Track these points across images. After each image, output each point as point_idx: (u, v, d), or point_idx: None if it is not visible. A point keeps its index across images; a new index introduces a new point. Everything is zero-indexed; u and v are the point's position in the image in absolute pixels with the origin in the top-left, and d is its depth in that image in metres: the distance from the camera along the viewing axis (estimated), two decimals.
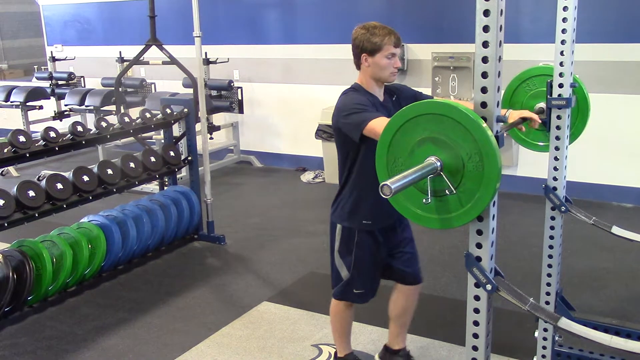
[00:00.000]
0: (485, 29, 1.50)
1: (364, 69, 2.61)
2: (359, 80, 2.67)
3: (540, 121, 2.48)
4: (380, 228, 2.69)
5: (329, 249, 2.79)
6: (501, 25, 1.51)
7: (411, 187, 1.64)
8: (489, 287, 1.64)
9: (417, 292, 2.91)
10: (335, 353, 3.04)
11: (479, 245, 1.65)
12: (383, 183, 1.48)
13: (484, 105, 1.56)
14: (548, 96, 2.47)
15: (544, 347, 2.67)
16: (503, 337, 3.14)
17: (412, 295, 2.89)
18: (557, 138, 2.50)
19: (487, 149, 1.53)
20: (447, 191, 1.60)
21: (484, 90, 1.55)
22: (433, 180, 1.61)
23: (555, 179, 2.52)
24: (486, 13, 1.49)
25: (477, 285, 1.66)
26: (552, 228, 2.56)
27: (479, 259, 1.65)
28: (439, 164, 1.61)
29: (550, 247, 2.58)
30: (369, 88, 2.61)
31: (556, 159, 2.51)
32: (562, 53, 2.40)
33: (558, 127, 2.49)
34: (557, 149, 2.51)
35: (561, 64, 2.42)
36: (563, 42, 2.39)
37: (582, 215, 2.53)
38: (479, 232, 1.64)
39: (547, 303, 2.62)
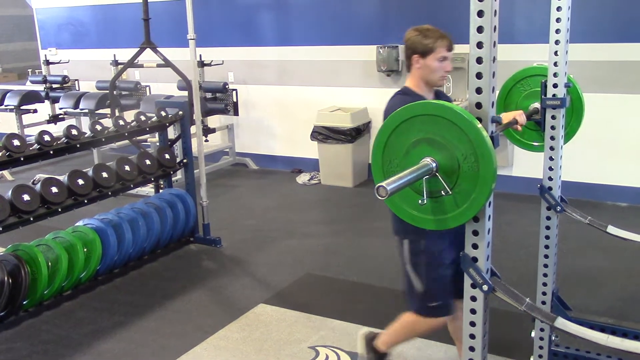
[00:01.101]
0: (480, 29, 1.51)
1: (415, 70, 2.55)
2: (408, 83, 2.61)
3: (524, 122, 2.51)
4: (450, 231, 2.51)
5: (400, 264, 2.63)
6: (495, 26, 1.51)
7: (407, 189, 1.64)
8: (485, 287, 1.65)
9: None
10: (372, 337, 2.86)
11: (475, 246, 1.65)
12: (379, 185, 1.48)
13: (478, 105, 1.56)
14: (542, 96, 2.48)
15: (541, 347, 2.67)
16: (500, 337, 3.14)
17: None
18: (552, 138, 2.51)
19: (483, 150, 1.53)
20: (442, 192, 1.60)
21: (478, 90, 1.55)
22: (429, 181, 1.62)
23: (550, 178, 2.53)
24: (480, 14, 1.50)
25: (473, 285, 1.67)
26: (547, 228, 2.57)
27: (475, 259, 1.65)
28: (434, 164, 1.60)
29: (546, 247, 2.58)
30: (419, 91, 2.55)
31: (551, 159, 2.52)
32: (556, 53, 2.41)
33: (553, 127, 2.50)
34: (552, 149, 2.51)
35: (555, 64, 2.42)
36: (557, 42, 2.40)
37: (578, 215, 2.54)
38: (475, 233, 1.64)
39: (544, 303, 2.62)
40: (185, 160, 4.80)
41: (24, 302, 3.66)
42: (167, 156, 4.66)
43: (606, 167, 5.45)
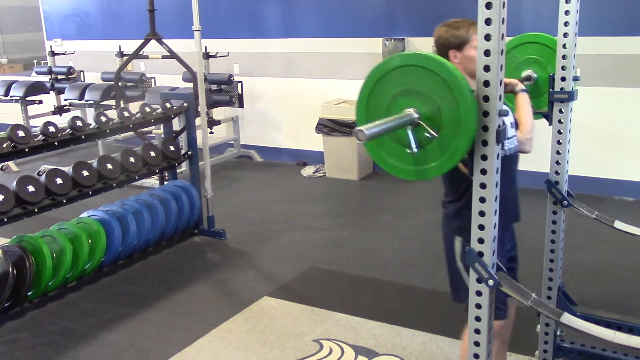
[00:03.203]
0: (488, 21, 1.48)
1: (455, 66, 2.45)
2: None
3: (520, 84, 2.44)
4: (505, 228, 2.40)
5: (446, 260, 2.50)
6: (504, 18, 1.49)
7: (390, 141, 1.72)
8: (490, 282, 1.63)
9: (515, 306, 2.60)
10: None
11: (480, 241, 1.64)
12: (357, 128, 1.52)
13: (486, 99, 1.54)
14: (550, 90, 2.45)
15: (546, 342, 2.66)
16: None
17: (512, 309, 2.59)
18: (559, 132, 2.48)
19: (460, 94, 1.57)
20: (427, 136, 1.64)
21: (486, 84, 1.53)
22: (415, 130, 1.66)
23: (557, 173, 2.51)
24: (488, 6, 1.47)
25: (479, 280, 1.65)
26: (554, 222, 2.55)
27: (480, 254, 1.64)
28: (416, 114, 1.65)
29: (552, 241, 2.57)
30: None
31: (558, 153, 2.50)
32: (564, 46, 2.38)
33: (560, 121, 2.47)
34: (559, 142, 2.49)
35: (564, 57, 2.40)
36: (565, 35, 2.37)
37: (585, 210, 2.52)
38: (481, 227, 1.63)
39: (549, 298, 2.61)
40: (190, 152, 4.79)
41: (29, 293, 3.67)
42: (171, 148, 4.65)
43: (613, 162, 5.42)
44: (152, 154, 4.49)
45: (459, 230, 2.41)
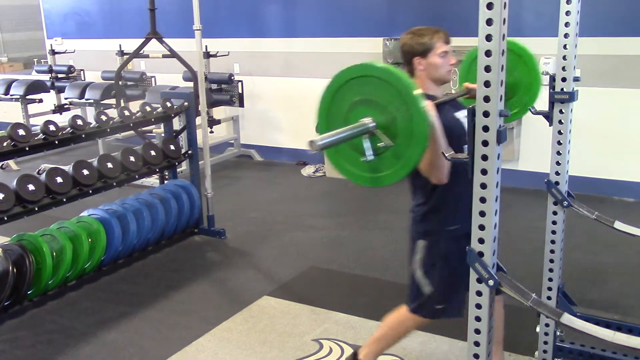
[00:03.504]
0: (489, 22, 1.49)
1: (419, 73, 2.46)
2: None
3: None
4: (467, 233, 2.52)
5: (408, 262, 2.60)
6: (505, 19, 1.49)
7: (348, 149, 1.83)
8: (491, 282, 1.64)
9: (502, 303, 2.74)
10: (355, 353, 2.80)
11: (481, 241, 1.64)
12: (310, 140, 1.65)
13: (486, 99, 1.54)
14: (550, 90, 2.45)
15: (546, 343, 2.66)
16: (504, 332, 3.13)
17: (499, 305, 2.72)
18: (560, 132, 2.48)
19: (411, 99, 1.69)
20: (383, 145, 1.74)
21: (487, 84, 1.53)
22: (371, 139, 1.76)
23: (557, 173, 2.51)
24: (489, 6, 1.48)
25: (479, 280, 1.66)
26: (554, 223, 2.55)
27: (481, 254, 1.64)
28: (373, 124, 1.75)
29: (552, 242, 2.56)
30: (429, 90, 2.45)
31: (559, 153, 2.50)
32: (565, 47, 2.38)
33: (560, 122, 2.47)
34: (559, 143, 2.49)
35: (564, 58, 2.40)
36: (566, 35, 2.37)
37: (585, 210, 2.52)
38: (481, 228, 1.63)
39: (549, 298, 2.61)
40: (190, 152, 4.79)
41: (29, 292, 3.67)
42: (172, 147, 4.65)
43: (613, 162, 5.42)
44: (153, 153, 4.49)
45: (424, 234, 2.52)
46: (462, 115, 2.43)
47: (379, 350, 2.76)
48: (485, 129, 1.55)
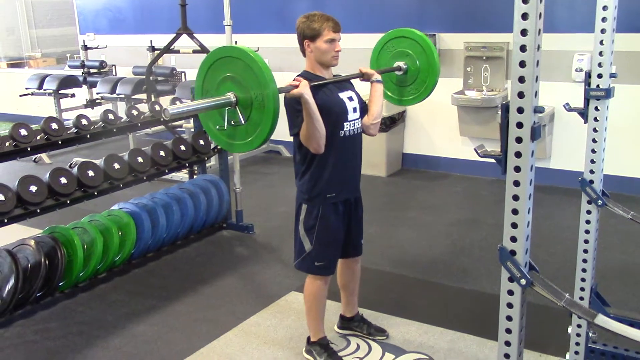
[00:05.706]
0: (524, 16, 1.45)
1: (308, 55, 2.80)
2: (306, 67, 2.85)
3: (376, 74, 3.03)
4: (343, 201, 2.89)
5: (294, 222, 2.95)
6: (540, 13, 1.46)
7: (218, 116, 2.18)
8: (523, 281, 1.60)
9: (359, 263, 3.19)
10: (309, 338, 3.10)
11: (513, 239, 1.60)
12: (165, 107, 1.99)
13: (521, 95, 1.51)
14: (586, 87, 2.40)
15: (577, 344, 2.61)
16: (535, 333, 3.09)
17: (356, 265, 3.17)
18: (595, 130, 2.43)
19: (265, 84, 2.01)
20: (239, 121, 2.09)
21: (521, 79, 1.50)
22: (231, 112, 2.11)
23: (592, 172, 2.45)
24: (525, 0, 1.44)
25: (510, 279, 1.62)
26: (587, 222, 2.50)
27: (513, 252, 1.61)
28: (234, 99, 2.09)
29: (586, 241, 2.51)
30: (316, 71, 2.80)
31: (593, 151, 2.44)
32: (601, 42, 2.32)
33: (596, 119, 2.42)
34: (594, 141, 2.43)
35: (600, 54, 2.34)
36: (603, 31, 2.31)
37: (620, 210, 2.46)
38: (514, 226, 1.60)
39: (582, 298, 2.56)
40: (219, 147, 4.81)
41: (60, 284, 3.73)
42: (201, 142, 4.68)
43: None
44: (182, 148, 4.52)
45: (306, 200, 2.88)
46: (345, 96, 2.81)
47: (312, 324, 3.07)
48: (519, 125, 1.52)
